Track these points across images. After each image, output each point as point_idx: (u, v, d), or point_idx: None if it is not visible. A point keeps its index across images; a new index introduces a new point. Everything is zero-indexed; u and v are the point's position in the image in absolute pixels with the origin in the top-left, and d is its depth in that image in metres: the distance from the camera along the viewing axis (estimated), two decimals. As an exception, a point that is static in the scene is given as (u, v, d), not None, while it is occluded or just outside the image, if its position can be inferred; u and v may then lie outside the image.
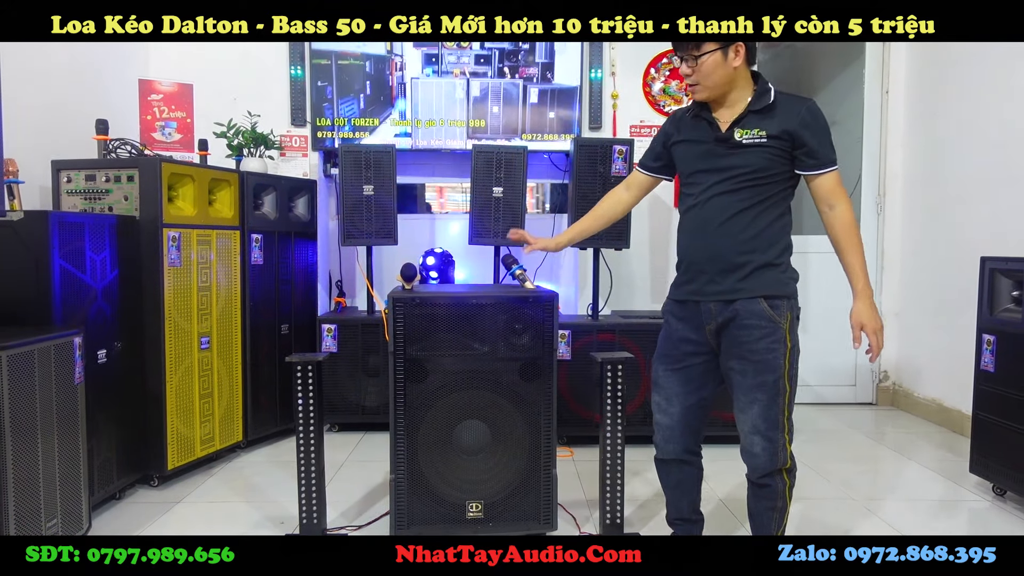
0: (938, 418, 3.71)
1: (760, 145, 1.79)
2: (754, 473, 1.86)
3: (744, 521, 2.45)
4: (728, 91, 1.83)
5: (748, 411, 1.82)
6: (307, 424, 2.20)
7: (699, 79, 1.80)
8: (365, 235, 3.37)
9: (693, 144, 1.89)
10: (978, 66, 3.38)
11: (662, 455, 2.00)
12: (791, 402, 1.82)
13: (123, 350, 2.56)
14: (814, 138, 1.79)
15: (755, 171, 1.80)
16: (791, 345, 1.81)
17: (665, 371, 1.95)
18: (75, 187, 2.69)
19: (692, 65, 1.80)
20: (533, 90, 3.80)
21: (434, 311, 2.10)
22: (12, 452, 1.78)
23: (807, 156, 1.80)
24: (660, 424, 1.98)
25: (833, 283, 4.15)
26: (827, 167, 1.82)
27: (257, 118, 3.49)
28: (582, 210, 3.20)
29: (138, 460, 2.66)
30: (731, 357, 1.84)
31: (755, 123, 1.80)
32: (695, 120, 1.90)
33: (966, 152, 3.48)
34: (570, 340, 3.24)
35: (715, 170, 1.82)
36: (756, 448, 1.82)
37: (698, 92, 1.83)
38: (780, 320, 1.80)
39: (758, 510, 1.89)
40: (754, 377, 1.80)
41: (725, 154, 1.82)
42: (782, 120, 1.79)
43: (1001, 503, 2.64)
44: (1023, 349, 2.49)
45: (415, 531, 2.11)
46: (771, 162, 1.80)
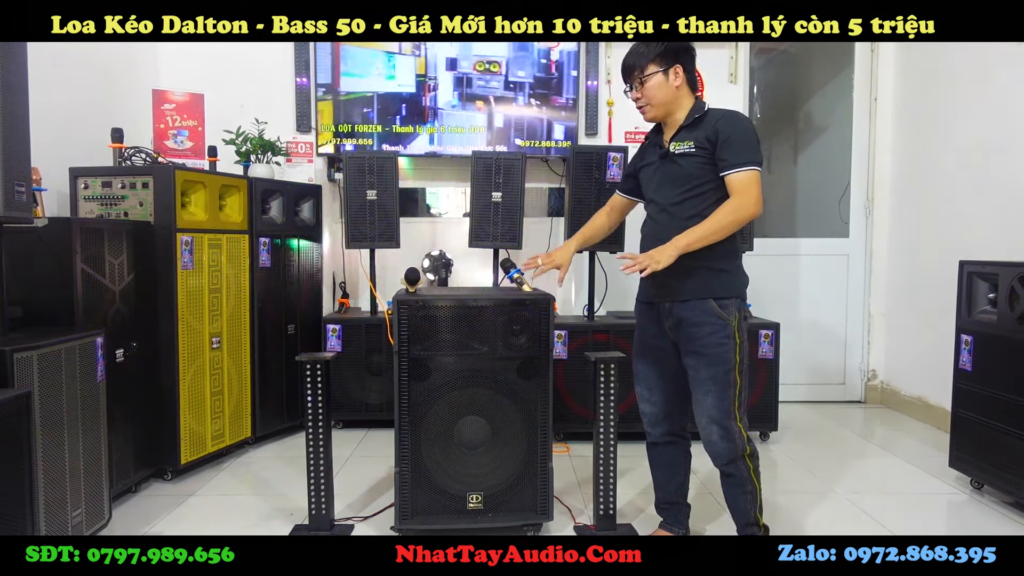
0: (923, 415, 3.83)
1: (689, 155, 1.97)
2: (718, 461, 2.03)
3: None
4: (673, 110, 2.03)
5: (703, 402, 2.00)
6: (316, 420, 2.31)
7: (646, 99, 2.01)
8: (368, 238, 3.49)
9: (649, 166, 2.12)
10: (963, 74, 3.49)
11: (651, 439, 2.23)
12: (742, 395, 1.99)
13: (139, 350, 2.67)
14: (726, 141, 1.93)
15: (690, 179, 1.98)
16: (740, 341, 1.99)
17: (643, 365, 2.18)
18: (92, 193, 2.80)
19: (639, 88, 2.01)
20: (559, 127, 3.90)
21: (436, 313, 2.22)
22: (42, 446, 1.90)
23: (719, 159, 1.95)
24: (645, 412, 2.20)
25: (822, 285, 4.30)
26: (735, 168, 1.93)
27: (264, 125, 3.61)
28: (579, 213, 3.34)
29: (153, 455, 2.78)
30: (686, 354, 2.03)
31: (685, 136, 2.00)
32: (650, 144, 2.14)
33: (951, 159, 3.59)
34: (566, 340, 3.36)
35: (662, 186, 2.03)
36: (714, 436, 1.99)
37: (647, 111, 2.05)
38: (729, 318, 1.98)
39: (731, 496, 2.06)
40: (707, 370, 1.98)
41: (667, 169, 2.03)
42: (705, 129, 1.97)
43: (979, 496, 2.75)
44: (998, 349, 2.61)
45: (418, 522, 2.23)
46: (701, 170, 1.98)
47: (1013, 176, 3.13)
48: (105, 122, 3.06)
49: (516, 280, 2.39)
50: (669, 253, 1.89)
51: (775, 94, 4.58)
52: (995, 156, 3.26)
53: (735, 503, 2.06)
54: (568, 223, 3.45)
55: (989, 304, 2.70)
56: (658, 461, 2.24)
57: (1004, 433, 2.57)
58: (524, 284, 2.38)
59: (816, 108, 4.56)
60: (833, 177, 4.33)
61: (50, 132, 2.88)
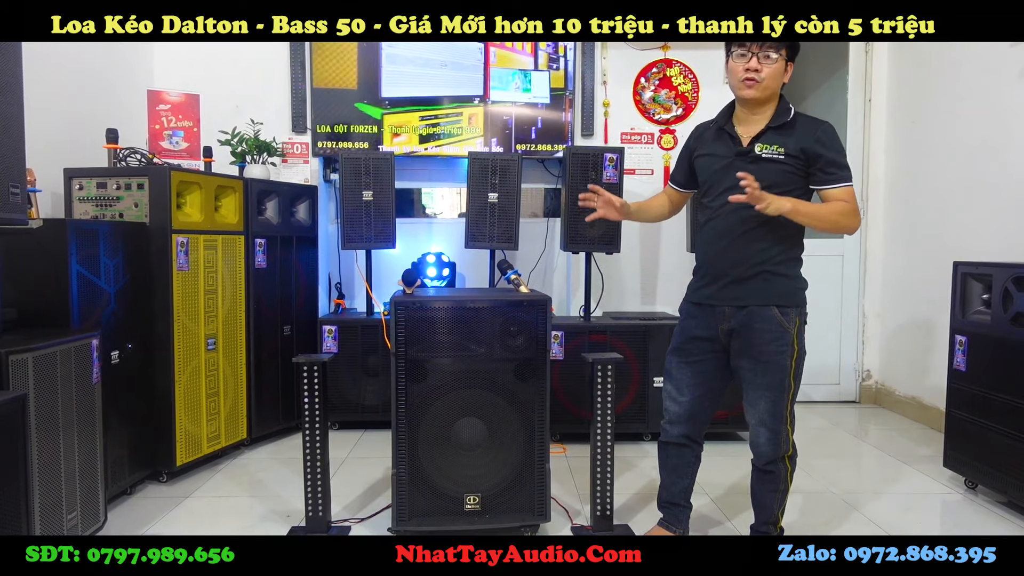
0: (917, 415, 3.85)
1: (777, 161, 1.92)
2: (760, 460, 2.05)
3: (729, 515, 2.59)
4: (770, 100, 1.96)
5: (756, 406, 2.00)
6: (313, 421, 2.31)
7: (765, 76, 1.90)
8: (364, 239, 3.48)
9: (714, 158, 2.03)
10: (957, 76, 3.51)
11: (666, 437, 2.20)
12: (794, 397, 2.01)
13: (134, 351, 2.66)
14: (828, 155, 1.91)
15: (771, 186, 1.88)
16: (798, 348, 1.98)
17: (678, 363, 2.13)
18: (87, 194, 2.79)
19: (764, 61, 1.90)
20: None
21: (433, 314, 2.22)
22: (37, 448, 1.89)
23: (820, 171, 1.92)
24: (669, 410, 2.17)
25: (816, 285, 4.30)
26: (838, 183, 1.92)
27: (260, 126, 3.60)
28: (576, 214, 3.34)
29: (148, 456, 2.77)
30: (743, 357, 2.01)
31: (774, 139, 1.93)
32: (718, 134, 2.04)
33: (944, 160, 3.62)
34: (563, 341, 3.36)
35: (735, 183, 1.89)
36: (761, 439, 2.02)
37: (754, 88, 1.92)
38: (790, 326, 1.96)
39: (762, 492, 2.08)
40: (764, 376, 1.97)
41: (744, 167, 1.92)
42: (799, 139, 1.92)
43: (972, 496, 2.77)
44: (992, 349, 2.62)
45: (416, 523, 2.23)
46: (787, 178, 1.92)
47: (1007, 177, 3.15)
48: (100, 123, 3.05)
49: (513, 281, 2.39)
50: (780, 205, 1.82)
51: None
52: (989, 157, 3.28)
53: (763, 499, 2.09)
54: (564, 223, 3.46)
55: (983, 305, 2.71)
56: (668, 462, 2.22)
57: (997, 433, 2.58)
58: (521, 285, 2.38)
59: (810, 109, 4.58)
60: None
61: (45, 133, 2.86)
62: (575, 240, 3.44)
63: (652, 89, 4.06)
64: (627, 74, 4.05)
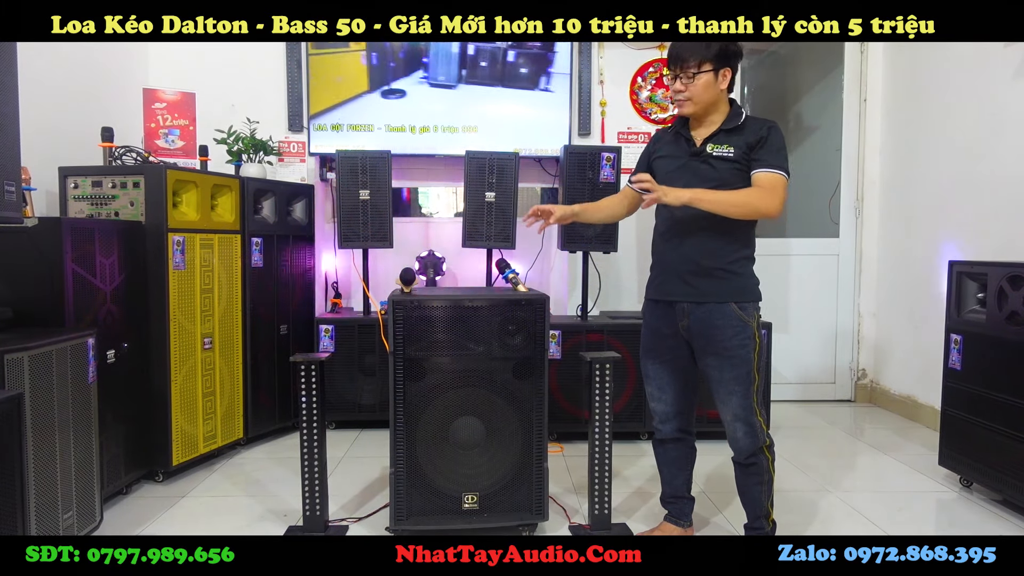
0: (912, 414, 3.86)
1: (727, 159, 1.98)
2: (741, 455, 2.08)
3: (722, 504, 2.59)
4: (711, 111, 2.03)
5: (728, 402, 2.04)
6: (310, 420, 2.30)
7: (691, 94, 1.99)
8: (361, 238, 3.47)
9: (670, 159, 2.10)
10: (951, 76, 3.53)
11: (660, 436, 2.25)
12: (761, 389, 2.06)
13: (130, 350, 2.65)
14: (767, 145, 1.97)
15: (722, 183, 1.97)
16: (759, 340, 2.04)
17: (653, 364, 2.19)
18: (82, 193, 2.77)
19: (686, 82, 1.98)
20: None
21: (431, 313, 2.22)
22: (33, 447, 1.88)
23: (754, 160, 1.98)
24: (656, 411, 2.22)
25: (813, 285, 4.33)
26: (765, 168, 1.96)
27: (256, 125, 3.59)
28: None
29: (144, 456, 2.76)
30: (707, 355, 2.05)
31: (725, 140, 2.00)
32: (675, 137, 2.12)
33: (939, 159, 3.63)
34: (560, 340, 3.36)
35: (689, 184, 1.99)
36: (739, 433, 2.05)
37: (687, 106, 2.02)
38: (749, 320, 2.03)
39: (748, 485, 2.11)
40: (730, 371, 2.02)
41: (697, 167, 2.02)
42: (747, 137, 1.98)
43: (968, 494, 2.78)
44: (987, 348, 2.63)
45: (413, 522, 2.23)
46: (736, 176, 1.99)
47: (1002, 176, 3.17)
48: (95, 121, 3.04)
49: (511, 280, 2.39)
50: (678, 195, 1.89)
51: (765, 95, 4.60)
52: (984, 156, 3.29)
53: (750, 493, 2.11)
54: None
55: (978, 304, 2.73)
56: (666, 458, 2.27)
57: (993, 432, 2.59)
58: (519, 284, 2.38)
59: (806, 109, 4.60)
60: (823, 177, 4.36)
61: (40, 131, 2.85)
62: (572, 239, 3.45)
63: (649, 89, 4.07)
64: (624, 74, 4.05)
